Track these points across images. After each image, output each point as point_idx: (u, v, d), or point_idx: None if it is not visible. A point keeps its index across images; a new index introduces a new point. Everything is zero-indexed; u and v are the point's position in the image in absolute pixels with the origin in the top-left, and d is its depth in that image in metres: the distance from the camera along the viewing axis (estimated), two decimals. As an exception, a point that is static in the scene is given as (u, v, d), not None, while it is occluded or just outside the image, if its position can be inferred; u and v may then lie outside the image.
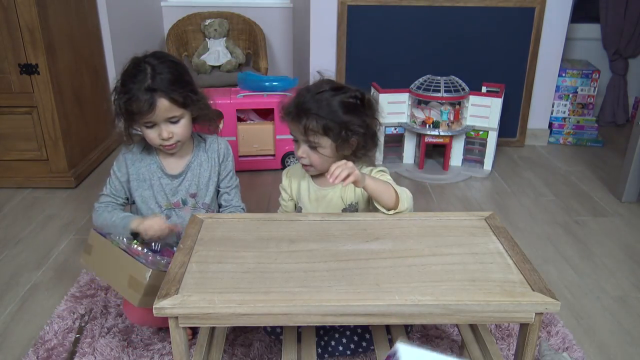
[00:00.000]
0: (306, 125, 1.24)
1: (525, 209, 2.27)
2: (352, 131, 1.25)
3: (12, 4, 2.05)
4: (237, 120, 2.53)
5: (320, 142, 1.26)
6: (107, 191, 1.48)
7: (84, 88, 2.53)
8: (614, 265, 1.84)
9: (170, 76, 1.32)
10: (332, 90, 1.27)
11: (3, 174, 2.33)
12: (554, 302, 0.89)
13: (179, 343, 0.92)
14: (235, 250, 1.04)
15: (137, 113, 1.31)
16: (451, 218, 1.19)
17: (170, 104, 1.32)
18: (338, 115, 1.24)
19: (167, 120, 1.34)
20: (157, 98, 1.30)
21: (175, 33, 3.38)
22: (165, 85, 1.31)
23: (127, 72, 1.34)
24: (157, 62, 1.33)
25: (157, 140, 1.37)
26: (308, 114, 1.24)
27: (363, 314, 0.89)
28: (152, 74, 1.31)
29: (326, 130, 1.24)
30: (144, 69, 1.31)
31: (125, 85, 1.32)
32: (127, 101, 1.30)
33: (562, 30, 2.83)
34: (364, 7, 2.73)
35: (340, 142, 1.26)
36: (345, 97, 1.26)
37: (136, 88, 1.29)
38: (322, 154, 1.28)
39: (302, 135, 1.27)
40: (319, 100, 1.25)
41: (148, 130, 1.36)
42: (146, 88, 1.29)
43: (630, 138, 2.25)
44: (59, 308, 1.54)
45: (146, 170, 1.45)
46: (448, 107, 2.54)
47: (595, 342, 1.46)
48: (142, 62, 1.33)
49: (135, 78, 1.30)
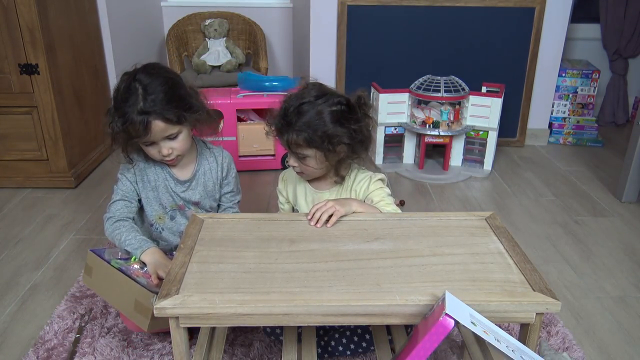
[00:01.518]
0: (289, 140, 1.24)
1: (525, 209, 2.27)
2: (337, 141, 1.24)
3: (12, 4, 2.05)
4: (237, 120, 2.53)
5: (306, 153, 1.26)
6: (119, 196, 1.43)
7: (84, 88, 2.53)
8: (614, 265, 1.84)
9: (162, 95, 1.28)
10: (315, 99, 1.24)
11: (3, 174, 2.33)
12: (555, 302, 0.89)
13: (179, 343, 0.92)
14: (236, 250, 1.04)
15: (134, 136, 1.29)
16: (451, 218, 1.19)
17: (165, 125, 1.29)
18: (320, 126, 1.23)
19: (165, 138, 1.33)
20: (152, 120, 1.27)
21: (175, 33, 3.37)
22: (158, 107, 1.27)
23: (119, 93, 1.30)
24: (149, 81, 1.28)
25: (158, 157, 1.37)
26: (290, 128, 1.24)
27: (364, 314, 0.89)
28: (144, 95, 1.27)
29: (309, 143, 1.24)
30: (135, 90, 1.27)
31: (118, 109, 1.28)
32: (123, 125, 1.28)
33: (562, 30, 2.83)
34: (364, 7, 2.73)
35: (326, 151, 1.25)
36: (328, 106, 1.24)
37: (130, 112, 1.26)
38: (309, 165, 1.28)
39: (288, 148, 1.28)
40: (300, 113, 1.23)
41: (148, 147, 1.35)
42: (139, 111, 1.26)
43: (630, 138, 2.25)
44: (59, 308, 1.54)
45: (153, 172, 1.44)
46: (448, 107, 2.54)
47: (595, 342, 1.46)
48: (132, 82, 1.28)
49: (127, 101, 1.27)
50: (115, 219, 1.40)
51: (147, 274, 1.30)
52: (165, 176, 1.45)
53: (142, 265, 1.32)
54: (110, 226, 1.40)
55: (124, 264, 1.30)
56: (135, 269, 1.29)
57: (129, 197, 1.43)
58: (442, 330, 0.76)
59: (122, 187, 1.44)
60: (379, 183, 1.34)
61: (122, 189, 1.44)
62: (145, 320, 1.17)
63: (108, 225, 1.41)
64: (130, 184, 1.44)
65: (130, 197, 1.44)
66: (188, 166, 1.47)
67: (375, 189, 1.33)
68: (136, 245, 1.34)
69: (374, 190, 1.33)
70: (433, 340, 0.77)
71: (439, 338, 0.77)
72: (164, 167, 1.44)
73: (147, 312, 1.16)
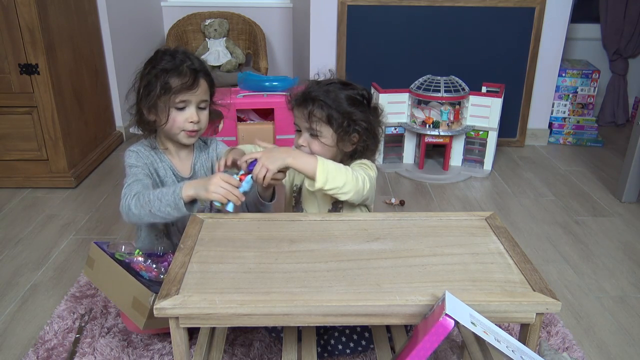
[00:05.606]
0: (311, 111, 1.27)
1: (525, 209, 2.27)
2: (355, 123, 1.28)
3: (12, 4, 2.05)
4: (237, 120, 2.53)
5: (322, 130, 1.28)
6: (133, 179, 1.31)
7: (84, 88, 2.53)
8: (614, 265, 1.84)
9: (203, 65, 1.38)
10: (340, 84, 1.32)
11: (3, 174, 2.33)
12: (555, 302, 0.89)
13: (179, 343, 0.92)
14: (236, 251, 1.04)
15: (177, 88, 1.30)
16: (451, 218, 1.19)
17: (207, 87, 1.37)
18: (343, 106, 1.27)
19: (198, 105, 1.36)
20: (200, 78, 1.33)
21: (175, 33, 3.38)
22: (204, 68, 1.36)
23: (159, 56, 1.34)
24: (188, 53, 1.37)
25: (184, 125, 1.35)
26: (314, 100, 1.27)
27: (364, 314, 0.89)
28: (190, 58, 1.35)
29: (330, 119, 1.27)
30: (180, 54, 1.34)
31: (163, 64, 1.31)
32: (169, 75, 1.29)
33: (562, 30, 2.83)
34: (364, 7, 2.73)
35: (342, 133, 1.28)
36: (352, 93, 1.30)
37: (178, 64, 1.31)
38: (324, 142, 1.29)
39: (305, 122, 1.29)
40: (326, 91, 1.28)
41: (177, 112, 1.34)
42: (189, 66, 1.32)
43: (630, 138, 2.25)
44: (59, 308, 1.54)
45: (160, 167, 1.43)
46: (448, 107, 2.54)
47: (595, 342, 1.46)
48: (173, 50, 1.35)
49: (175, 58, 1.32)
50: (133, 194, 1.26)
51: (150, 266, 1.29)
52: (170, 172, 1.45)
53: (145, 258, 1.31)
54: (132, 202, 1.24)
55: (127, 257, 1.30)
56: (138, 262, 1.29)
57: (142, 179, 1.33)
58: (442, 331, 0.76)
59: (135, 172, 1.35)
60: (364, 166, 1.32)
61: (134, 175, 1.34)
62: (142, 319, 1.16)
63: (128, 202, 1.25)
64: (142, 169, 1.36)
65: (144, 179, 1.34)
66: (187, 160, 1.47)
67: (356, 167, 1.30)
68: (169, 192, 1.20)
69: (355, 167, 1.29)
70: (433, 340, 0.77)
71: (439, 338, 0.77)
72: (168, 164, 1.44)
73: (145, 310, 1.15)
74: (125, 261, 1.27)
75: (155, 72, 1.31)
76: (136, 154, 1.41)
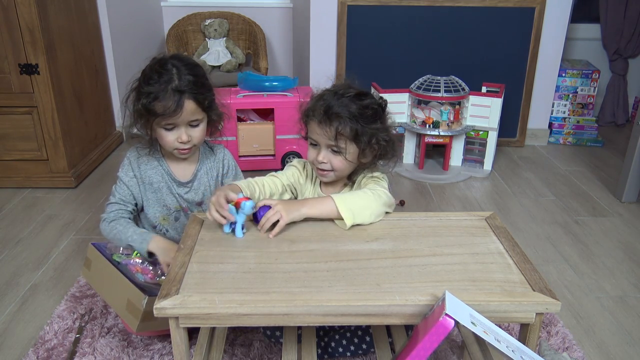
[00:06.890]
0: (338, 130, 1.19)
1: (525, 209, 2.27)
2: (380, 139, 1.23)
3: (12, 4, 2.05)
4: (237, 120, 2.53)
5: (347, 147, 1.22)
6: (116, 199, 1.42)
7: (84, 88, 2.53)
8: (614, 265, 1.84)
9: (194, 78, 1.30)
10: (357, 95, 1.23)
11: (3, 174, 2.33)
12: (555, 302, 0.89)
13: (179, 343, 0.92)
14: (236, 250, 1.04)
15: (162, 114, 1.27)
16: (451, 218, 1.19)
17: (195, 107, 1.30)
18: (368, 122, 1.21)
19: (188, 124, 1.32)
20: (185, 99, 1.27)
21: (175, 33, 3.37)
22: (192, 88, 1.28)
23: (150, 71, 1.30)
24: (183, 64, 1.30)
25: (174, 144, 1.34)
26: (340, 118, 1.19)
27: (363, 314, 0.89)
28: (179, 74, 1.28)
29: (356, 137, 1.21)
30: (169, 69, 1.28)
31: (149, 84, 1.27)
32: (152, 101, 1.26)
33: (562, 30, 2.83)
34: (364, 7, 2.73)
35: (364, 149, 1.23)
36: (371, 102, 1.24)
37: (162, 88, 1.26)
38: (348, 159, 1.23)
39: (330, 140, 1.21)
40: (348, 105, 1.20)
41: (166, 132, 1.32)
42: (173, 88, 1.26)
43: (630, 138, 2.25)
44: (59, 308, 1.54)
45: (154, 174, 1.43)
46: (448, 107, 2.54)
47: (595, 342, 1.46)
48: (167, 62, 1.29)
49: (161, 78, 1.27)
50: (109, 220, 1.41)
51: (146, 268, 1.29)
52: (166, 178, 1.44)
53: (143, 260, 1.31)
54: (106, 227, 1.40)
55: (125, 258, 1.30)
56: (136, 264, 1.29)
57: (125, 200, 1.43)
58: (442, 330, 0.76)
59: (120, 191, 1.43)
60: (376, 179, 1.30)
61: (119, 192, 1.43)
62: (135, 321, 1.16)
63: (104, 226, 1.41)
64: (128, 189, 1.43)
65: (127, 200, 1.43)
66: (190, 166, 1.46)
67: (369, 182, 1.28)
68: (139, 239, 1.34)
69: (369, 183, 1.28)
70: (433, 340, 0.77)
71: (439, 338, 0.77)
72: (165, 168, 1.44)
73: (138, 313, 1.15)
74: (122, 263, 1.27)
75: (141, 94, 1.29)
76: (128, 165, 1.43)
